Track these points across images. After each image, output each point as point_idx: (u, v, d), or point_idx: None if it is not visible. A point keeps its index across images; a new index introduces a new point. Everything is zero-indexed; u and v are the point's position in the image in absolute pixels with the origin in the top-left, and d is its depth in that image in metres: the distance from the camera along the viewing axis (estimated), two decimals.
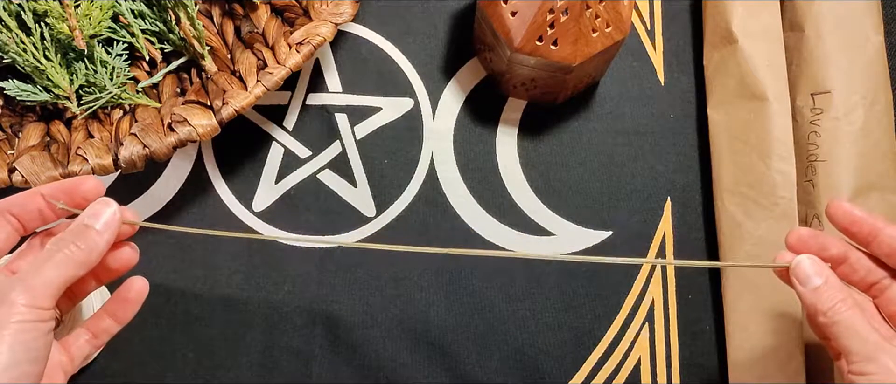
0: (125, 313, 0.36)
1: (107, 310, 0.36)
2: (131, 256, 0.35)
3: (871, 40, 0.47)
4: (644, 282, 0.50)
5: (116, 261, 0.35)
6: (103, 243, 0.32)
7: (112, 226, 0.32)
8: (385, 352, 0.48)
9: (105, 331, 0.36)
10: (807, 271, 0.33)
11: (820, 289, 0.32)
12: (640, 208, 0.51)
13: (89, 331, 0.36)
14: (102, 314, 0.36)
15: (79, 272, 0.31)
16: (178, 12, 0.45)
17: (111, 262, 0.35)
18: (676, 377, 0.48)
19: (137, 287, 0.36)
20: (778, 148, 0.46)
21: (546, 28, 0.43)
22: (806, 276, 0.33)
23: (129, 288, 0.36)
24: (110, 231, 0.32)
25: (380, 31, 0.54)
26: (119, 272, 0.35)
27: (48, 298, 0.29)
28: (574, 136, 0.52)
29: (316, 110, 0.52)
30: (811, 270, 0.33)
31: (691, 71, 0.53)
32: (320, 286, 0.49)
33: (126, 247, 0.35)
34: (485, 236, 0.50)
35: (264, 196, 0.51)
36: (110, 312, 0.36)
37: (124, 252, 0.35)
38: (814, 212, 0.46)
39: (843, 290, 0.32)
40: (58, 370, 0.34)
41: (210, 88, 0.45)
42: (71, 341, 0.35)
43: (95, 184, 0.33)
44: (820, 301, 0.32)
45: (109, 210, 0.32)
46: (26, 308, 0.28)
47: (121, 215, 0.33)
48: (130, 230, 0.34)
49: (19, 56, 0.42)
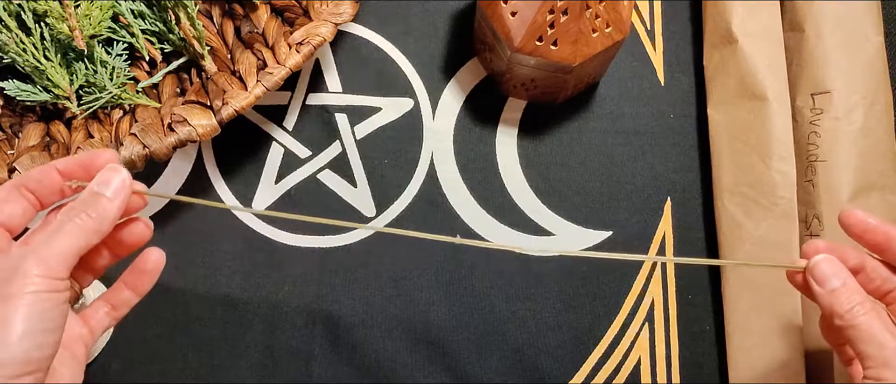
0: (143, 284, 0.36)
1: (125, 281, 0.36)
2: (144, 231, 0.35)
3: (871, 40, 0.47)
4: (644, 282, 0.50)
5: (130, 235, 0.34)
6: (114, 210, 0.31)
7: (122, 192, 0.32)
8: (385, 352, 0.48)
9: (124, 302, 0.35)
10: (825, 272, 0.32)
11: (838, 291, 0.32)
12: (640, 208, 0.51)
13: (108, 303, 0.35)
14: (121, 286, 0.35)
15: (91, 241, 0.30)
16: (178, 12, 0.45)
17: (125, 237, 0.34)
18: (676, 377, 0.48)
19: (154, 258, 0.35)
20: (778, 148, 0.46)
21: (546, 28, 0.43)
22: (824, 277, 0.32)
23: (145, 259, 0.35)
24: (121, 198, 0.31)
25: (380, 31, 0.54)
26: (133, 246, 0.35)
27: (62, 268, 0.29)
28: (574, 136, 0.52)
29: (316, 110, 0.52)
30: (829, 271, 0.32)
31: (691, 71, 0.53)
32: (320, 286, 0.49)
33: (139, 222, 0.35)
34: (485, 236, 0.50)
35: (264, 196, 0.51)
36: (129, 284, 0.35)
37: (137, 226, 0.34)
38: (814, 212, 0.46)
39: (861, 293, 0.32)
40: (78, 342, 0.34)
41: (210, 88, 0.45)
42: (90, 314, 0.35)
43: (111, 156, 0.33)
44: (838, 303, 0.32)
45: (119, 177, 0.32)
46: (40, 278, 0.28)
47: (131, 182, 0.32)
48: (141, 202, 0.34)
49: (19, 56, 0.42)
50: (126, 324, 0.48)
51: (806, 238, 0.46)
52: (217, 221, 0.50)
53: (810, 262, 0.33)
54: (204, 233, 0.50)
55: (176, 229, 0.50)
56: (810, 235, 0.46)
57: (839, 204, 0.45)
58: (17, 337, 0.27)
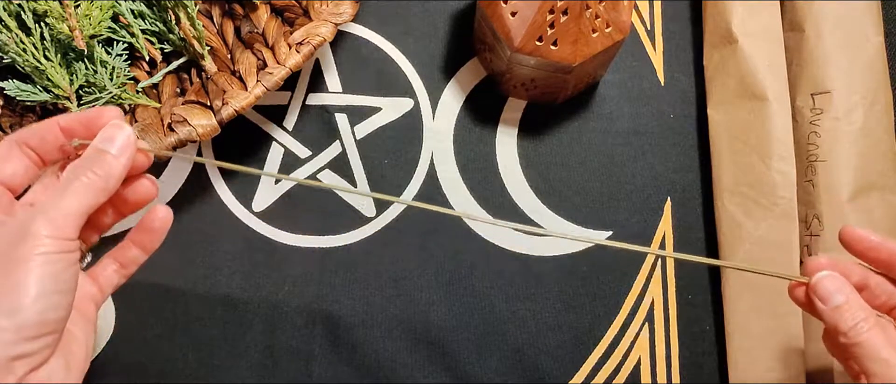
0: (151, 242, 0.35)
1: (133, 239, 0.35)
2: (149, 188, 0.34)
3: (871, 40, 0.47)
4: (644, 282, 0.50)
5: (135, 193, 0.34)
6: (120, 168, 0.31)
7: (127, 149, 0.31)
8: (385, 352, 0.48)
9: (133, 260, 0.35)
10: (828, 288, 0.32)
11: (842, 308, 0.31)
12: (640, 208, 0.51)
13: (117, 261, 0.35)
14: (129, 244, 0.35)
15: (99, 199, 0.30)
16: (178, 12, 0.45)
17: (130, 195, 0.34)
18: (676, 377, 0.48)
19: (161, 215, 0.35)
20: (778, 148, 0.46)
21: (546, 28, 0.43)
22: (827, 294, 0.32)
23: (152, 217, 0.35)
24: (126, 155, 0.31)
25: (380, 31, 0.54)
26: (138, 204, 0.34)
27: (71, 228, 0.29)
28: (574, 136, 0.52)
29: (316, 110, 0.52)
30: (833, 287, 0.32)
31: (691, 71, 0.53)
32: (320, 286, 0.49)
33: (144, 180, 0.34)
34: (484, 236, 0.50)
35: (264, 196, 0.51)
36: (136, 242, 0.35)
37: (142, 184, 0.34)
38: (814, 212, 0.46)
39: (866, 309, 0.31)
40: (89, 302, 0.33)
41: (210, 88, 0.45)
42: (99, 272, 0.35)
43: (115, 113, 0.32)
44: (842, 320, 0.31)
45: (123, 133, 0.31)
46: (50, 239, 0.28)
47: (136, 139, 0.32)
48: (146, 160, 0.33)
49: (19, 56, 0.42)
50: (126, 324, 0.48)
51: (806, 238, 0.46)
52: (217, 221, 0.50)
53: (813, 279, 0.32)
54: (204, 233, 0.50)
55: (176, 229, 0.50)
56: (810, 235, 0.46)
57: (839, 204, 0.45)
58: (31, 300, 0.27)
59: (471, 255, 0.50)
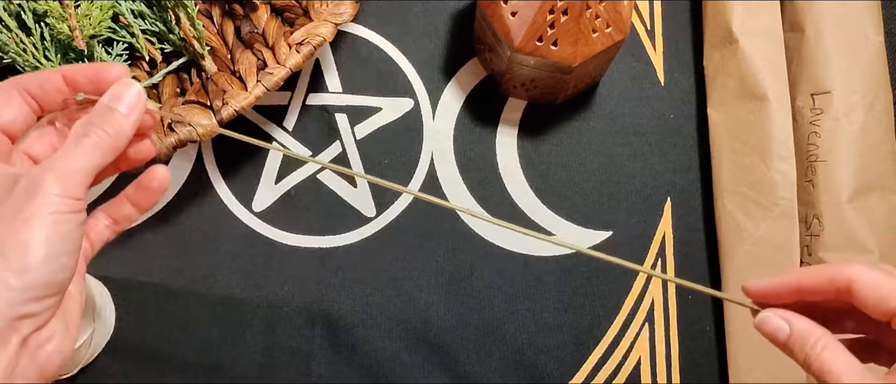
0: (147, 201, 0.34)
1: (128, 196, 0.34)
2: (150, 148, 0.33)
3: (871, 40, 0.47)
4: (644, 282, 0.50)
5: (138, 152, 0.33)
6: (129, 127, 0.30)
7: (137, 108, 0.30)
8: (385, 352, 0.48)
9: (126, 217, 0.34)
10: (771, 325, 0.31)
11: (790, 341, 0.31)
12: (640, 208, 0.51)
13: (110, 217, 0.34)
14: (123, 200, 0.34)
15: (107, 158, 0.29)
16: (178, 12, 0.45)
17: (132, 153, 0.33)
18: (676, 377, 0.48)
19: (160, 176, 0.34)
20: (778, 148, 0.46)
21: (546, 28, 0.43)
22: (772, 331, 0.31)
23: (151, 176, 0.33)
24: (136, 113, 0.30)
25: (380, 31, 0.54)
26: (138, 162, 0.33)
27: (80, 187, 0.28)
28: (574, 136, 0.52)
29: (316, 110, 0.52)
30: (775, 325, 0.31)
31: (691, 71, 0.53)
32: (320, 286, 0.49)
33: (146, 140, 0.33)
34: (484, 236, 0.50)
35: (264, 196, 0.51)
36: (132, 199, 0.34)
37: (144, 144, 0.33)
38: (814, 212, 0.46)
39: (815, 332, 0.30)
40: (81, 257, 0.32)
41: (210, 88, 0.45)
42: (91, 226, 0.34)
43: (121, 70, 0.31)
44: (794, 351, 0.31)
45: (133, 90, 0.30)
46: (60, 198, 0.27)
47: (146, 98, 0.31)
48: (151, 120, 0.32)
49: (19, 56, 0.42)
50: (126, 324, 0.48)
51: (806, 238, 0.46)
52: (217, 221, 0.50)
53: (755, 321, 0.32)
54: (204, 233, 0.50)
55: (176, 229, 0.50)
56: (810, 236, 0.46)
57: (839, 204, 0.45)
58: (40, 260, 0.26)
59: (471, 255, 0.50)
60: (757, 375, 0.45)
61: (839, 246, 0.45)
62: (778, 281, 0.32)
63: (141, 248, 0.50)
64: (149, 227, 0.50)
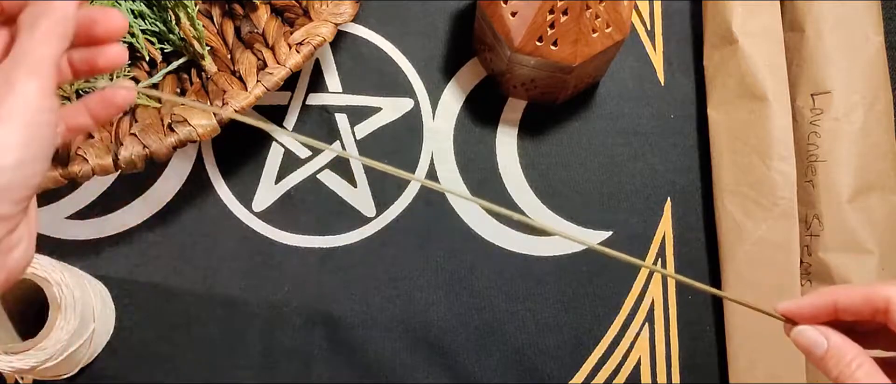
0: (106, 114, 0.33)
1: (87, 105, 0.33)
2: (119, 52, 0.32)
3: (871, 40, 0.47)
4: (644, 282, 0.50)
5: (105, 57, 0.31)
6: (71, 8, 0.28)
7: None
8: (385, 352, 0.48)
9: (80, 127, 0.33)
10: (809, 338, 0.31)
11: (826, 358, 0.30)
12: (640, 208, 0.51)
13: (65, 123, 0.33)
14: (82, 108, 0.33)
15: (63, 45, 0.28)
16: (178, 12, 0.45)
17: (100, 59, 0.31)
18: (676, 377, 0.48)
19: (124, 93, 0.32)
20: (778, 148, 0.46)
21: (546, 28, 0.43)
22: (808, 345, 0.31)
23: (115, 92, 0.32)
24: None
25: (380, 31, 0.54)
26: (111, 67, 0.32)
27: (52, 78, 0.27)
28: (574, 136, 0.52)
29: (316, 110, 0.52)
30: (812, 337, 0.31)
31: (691, 71, 0.53)
32: (320, 286, 0.49)
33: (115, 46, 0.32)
34: (484, 236, 0.50)
35: (264, 196, 0.51)
36: (91, 109, 0.33)
37: (115, 48, 0.32)
38: (814, 212, 0.46)
39: (851, 350, 0.30)
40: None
41: (210, 88, 0.45)
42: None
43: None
44: (828, 368, 0.30)
45: None
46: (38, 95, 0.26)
47: None
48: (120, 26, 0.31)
49: None
50: (126, 324, 0.48)
51: (806, 238, 0.46)
52: (217, 221, 0.50)
53: (793, 333, 0.32)
54: (204, 233, 0.50)
55: (176, 229, 0.50)
56: (810, 236, 0.46)
57: (839, 204, 0.45)
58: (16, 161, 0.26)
59: (471, 255, 0.50)
60: (757, 375, 0.45)
61: (839, 246, 0.45)
62: (814, 301, 0.31)
63: (141, 248, 0.50)
64: (149, 227, 0.50)
